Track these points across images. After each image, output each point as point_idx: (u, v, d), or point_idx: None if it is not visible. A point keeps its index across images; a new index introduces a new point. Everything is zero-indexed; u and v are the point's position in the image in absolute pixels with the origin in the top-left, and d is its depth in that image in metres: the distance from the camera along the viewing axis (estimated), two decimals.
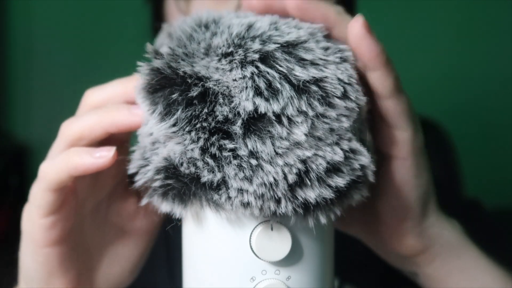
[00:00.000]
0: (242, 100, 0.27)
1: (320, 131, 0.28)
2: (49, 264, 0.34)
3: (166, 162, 0.29)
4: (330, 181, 0.28)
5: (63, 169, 0.31)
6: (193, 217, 0.30)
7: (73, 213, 0.34)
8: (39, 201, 0.32)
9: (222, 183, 0.28)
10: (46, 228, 0.33)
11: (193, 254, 0.31)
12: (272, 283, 0.29)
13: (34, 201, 0.33)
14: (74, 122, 0.33)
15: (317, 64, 0.28)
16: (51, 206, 0.32)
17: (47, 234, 0.33)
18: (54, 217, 0.33)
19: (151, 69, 0.29)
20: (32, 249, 0.34)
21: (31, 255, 0.35)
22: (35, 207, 0.33)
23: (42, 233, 0.33)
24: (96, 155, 0.31)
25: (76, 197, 0.35)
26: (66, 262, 0.35)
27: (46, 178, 0.32)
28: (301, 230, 0.30)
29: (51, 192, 0.32)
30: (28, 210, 0.34)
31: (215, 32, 0.30)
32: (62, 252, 0.34)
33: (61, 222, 0.33)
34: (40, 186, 0.32)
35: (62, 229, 0.34)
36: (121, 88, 0.33)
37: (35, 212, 0.33)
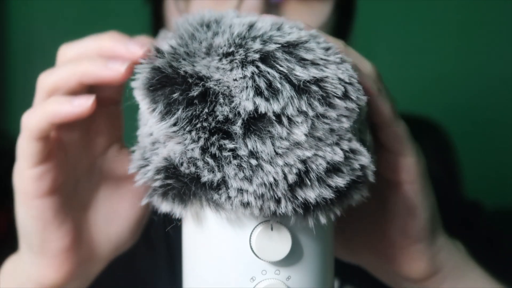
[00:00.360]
0: (243, 100, 0.27)
1: (320, 131, 0.28)
2: (42, 216, 0.34)
3: (166, 162, 0.29)
4: (330, 181, 0.28)
5: (43, 117, 0.32)
6: (193, 217, 0.30)
7: (63, 166, 0.35)
8: (25, 152, 0.33)
9: (222, 183, 0.28)
10: (34, 179, 0.33)
11: (193, 254, 0.31)
12: (272, 283, 0.29)
13: (21, 154, 0.34)
14: (50, 73, 0.33)
15: (318, 64, 0.28)
16: (37, 156, 0.33)
17: (36, 185, 0.34)
18: (42, 168, 0.33)
19: (152, 68, 0.29)
20: (25, 203, 0.35)
21: (24, 209, 0.35)
22: (23, 160, 0.34)
23: (32, 184, 0.34)
24: (75, 103, 0.31)
25: (68, 154, 0.35)
26: (60, 214, 0.35)
27: (28, 127, 0.32)
28: (301, 230, 0.30)
29: (35, 140, 0.32)
30: (17, 165, 0.35)
31: (217, 31, 0.30)
32: (54, 204, 0.34)
33: (50, 173, 0.34)
34: (23, 137, 0.33)
35: (51, 179, 0.34)
36: (96, 43, 0.34)
37: (23, 164, 0.34)
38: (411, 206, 0.36)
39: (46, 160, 0.33)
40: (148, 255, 0.54)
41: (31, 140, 0.33)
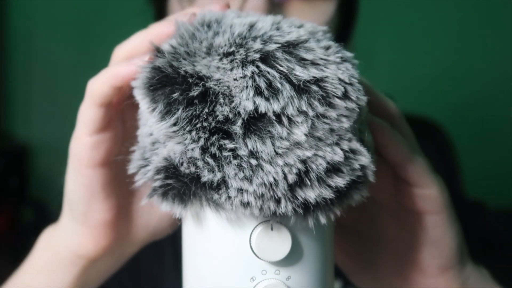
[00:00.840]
0: (243, 99, 0.27)
1: (320, 131, 0.28)
2: (91, 186, 0.35)
3: (166, 162, 0.29)
4: (330, 181, 0.28)
5: (105, 81, 0.32)
6: (193, 217, 0.30)
7: (119, 138, 0.35)
8: (86, 118, 0.34)
9: (222, 183, 0.28)
10: (91, 147, 0.34)
11: (193, 254, 0.31)
12: (272, 283, 0.29)
13: (81, 120, 0.34)
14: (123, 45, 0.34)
15: (318, 64, 0.28)
16: (97, 123, 0.33)
17: (92, 154, 0.34)
18: (99, 136, 0.34)
19: (152, 67, 0.29)
20: (77, 170, 0.35)
21: (75, 176, 0.35)
22: (82, 126, 0.34)
23: (87, 152, 0.34)
24: (133, 62, 0.32)
25: (123, 122, 0.35)
26: (108, 187, 0.36)
27: (91, 93, 0.33)
28: (301, 230, 0.30)
29: (96, 107, 0.33)
30: (76, 131, 0.35)
31: (217, 31, 0.30)
32: (105, 176, 0.35)
33: (106, 143, 0.34)
34: (86, 103, 0.33)
35: (106, 150, 0.34)
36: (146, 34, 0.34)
37: (82, 131, 0.34)
38: (438, 236, 0.36)
39: (105, 129, 0.34)
40: (155, 256, 0.54)
41: (94, 106, 0.33)
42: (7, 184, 1.71)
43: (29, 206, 1.76)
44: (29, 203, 1.77)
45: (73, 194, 0.36)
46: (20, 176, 1.78)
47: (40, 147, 1.83)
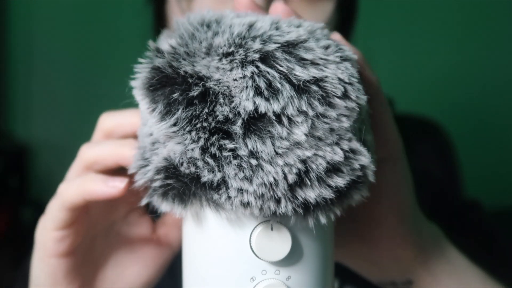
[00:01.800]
0: (242, 99, 0.27)
1: (320, 131, 0.28)
2: (55, 275, 0.37)
3: (166, 162, 0.29)
4: (330, 181, 0.28)
5: (78, 193, 0.34)
6: (193, 217, 0.30)
7: (84, 230, 0.37)
8: (54, 215, 0.35)
9: (222, 183, 0.28)
10: (56, 240, 0.36)
11: (193, 254, 0.31)
12: (272, 283, 0.29)
13: (49, 215, 0.36)
14: (91, 147, 0.36)
15: (318, 63, 0.28)
16: (64, 222, 0.35)
17: (56, 246, 0.36)
18: (65, 231, 0.35)
19: (152, 68, 0.29)
20: (42, 259, 0.37)
21: (40, 264, 0.37)
22: (49, 220, 0.36)
23: (52, 244, 0.36)
24: (109, 184, 0.33)
25: (89, 216, 0.37)
26: (71, 274, 0.37)
27: (63, 197, 0.35)
28: (301, 230, 0.30)
29: (65, 210, 0.35)
30: (43, 221, 0.37)
31: (217, 31, 0.30)
32: (68, 265, 0.37)
33: (71, 237, 0.36)
34: (56, 203, 0.35)
35: (71, 243, 0.36)
36: (132, 119, 0.36)
37: (49, 225, 0.36)
38: (397, 181, 0.36)
39: (71, 226, 0.36)
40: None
41: (62, 209, 0.35)
42: (7, 184, 1.71)
43: (29, 206, 1.76)
44: (29, 203, 1.77)
45: (37, 280, 0.37)
46: (20, 176, 1.78)
47: (40, 147, 1.83)
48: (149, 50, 0.31)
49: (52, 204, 0.36)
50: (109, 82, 1.57)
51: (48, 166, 1.81)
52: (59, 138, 1.83)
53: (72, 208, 0.35)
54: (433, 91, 1.72)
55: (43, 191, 1.80)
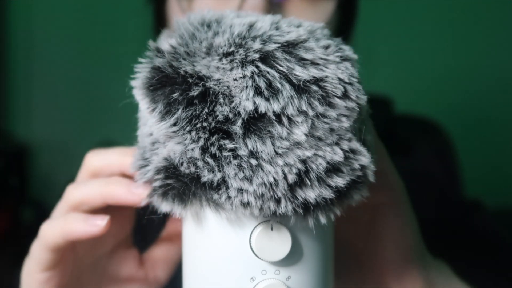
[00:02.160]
0: (242, 99, 0.27)
1: (320, 131, 0.28)
2: None
3: (166, 162, 0.29)
4: (330, 181, 0.28)
5: (59, 233, 0.33)
6: (193, 217, 0.30)
7: (70, 269, 0.36)
8: (37, 257, 0.35)
9: (222, 183, 0.28)
10: (41, 282, 0.35)
11: (193, 254, 0.31)
12: (272, 283, 0.29)
13: (33, 257, 0.35)
14: (77, 188, 0.35)
15: (317, 63, 0.28)
16: (48, 263, 0.35)
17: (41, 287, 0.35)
18: (50, 273, 0.35)
19: (152, 67, 0.29)
20: None
21: None
22: (33, 262, 0.35)
23: (37, 286, 0.35)
24: (90, 222, 0.33)
25: (75, 253, 0.36)
26: None
27: (45, 238, 0.34)
28: (301, 230, 0.30)
29: (48, 251, 0.34)
30: (27, 263, 0.36)
31: (217, 31, 0.30)
32: None
33: (57, 277, 0.35)
34: (39, 244, 0.35)
35: (57, 283, 0.36)
36: (120, 158, 0.35)
37: (33, 267, 0.35)
38: (401, 224, 0.36)
39: (56, 266, 0.35)
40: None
41: (45, 250, 0.34)
42: (7, 184, 1.71)
43: (29, 206, 1.76)
44: (29, 203, 1.77)
45: None
46: (20, 176, 1.78)
47: (40, 147, 1.83)
48: (149, 49, 0.31)
49: (35, 245, 0.35)
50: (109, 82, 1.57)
51: (48, 166, 1.81)
52: (59, 138, 1.83)
53: (55, 249, 0.34)
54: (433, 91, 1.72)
55: (43, 191, 1.80)
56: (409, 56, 1.73)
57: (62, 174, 1.87)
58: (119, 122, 0.35)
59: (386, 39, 1.64)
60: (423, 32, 1.74)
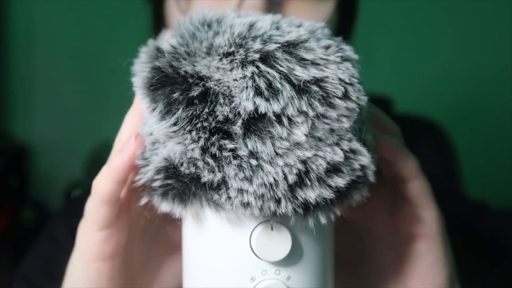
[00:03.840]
0: (243, 100, 0.27)
1: (320, 132, 0.27)
2: (98, 279, 0.35)
3: (166, 162, 0.29)
4: (330, 181, 0.28)
5: (107, 179, 0.32)
6: (193, 217, 0.30)
7: (126, 229, 0.35)
8: (94, 215, 0.33)
9: (222, 183, 0.28)
10: (100, 242, 0.34)
11: (193, 254, 0.31)
12: (272, 283, 0.29)
13: (89, 216, 0.34)
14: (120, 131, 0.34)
15: (318, 64, 0.28)
16: (105, 220, 0.33)
17: (101, 248, 0.34)
18: (108, 231, 0.34)
19: (152, 67, 0.29)
20: (84, 263, 0.35)
21: (82, 269, 0.35)
22: (90, 222, 0.34)
23: (97, 247, 0.34)
24: (124, 150, 0.32)
25: (130, 212, 0.35)
26: (114, 278, 0.35)
27: (97, 193, 0.33)
28: (301, 230, 0.30)
29: (104, 205, 0.33)
30: (83, 224, 0.35)
31: (218, 31, 0.30)
32: (112, 268, 0.35)
33: (115, 236, 0.34)
34: (93, 201, 0.33)
35: (116, 243, 0.34)
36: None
37: (90, 227, 0.34)
38: (431, 262, 0.36)
39: (113, 224, 0.34)
40: None
41: (101, 205, 0.33)
42: (7, 183, 1.71)
43: (29, 206, 1.76)
44: (29, 203, 1.77)
45: (76, 285, 0.36)
46: (20, 176, 1.78)
47: (40, 147, 1.83)
48: (147, 47, 0.31)
49: (90, 204, 0.34)
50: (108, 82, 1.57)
51: (48, 166, 1.81)
52: (59, 138, 1.83)
53: (110, 201, 0.33)
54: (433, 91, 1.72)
55: (43, 191, 1.80)
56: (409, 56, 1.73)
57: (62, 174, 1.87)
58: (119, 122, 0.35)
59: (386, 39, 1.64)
60: (423, 32, 1.74)
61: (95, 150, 1.65)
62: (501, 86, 1.75)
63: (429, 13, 1.73)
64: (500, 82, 1.75)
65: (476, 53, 1.74)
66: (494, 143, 1.76)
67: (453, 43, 1.74)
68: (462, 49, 1.74)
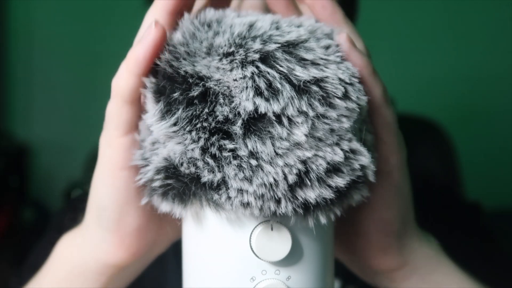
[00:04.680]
0: (243, 100, 0.27)
1: (320, 132, 0.28)
2: (127, 188, 0.33)
3: (166, 162, 0.29)
4: (330, 181, 0.28)
5: (128, 73, 0.31)
6: (193, 217, 0.30)
7: None
8: (118, 119, 0.32)
9: (222, 183, 0.28)
10: (126, 148, 0.32)
11: (193, 254, 0.31)
12: (272, 283, 0.29)
13: (111, 122, 0.32)
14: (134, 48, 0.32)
15: (318, 64, 0.28)
16: (129, 122, 0.32)
17: (127, 154, 0.32)
18: (133, 135, 0.32)
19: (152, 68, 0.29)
20: (110, 173, 0.33)
21: (108, 179, 0.33)
22: (114, 128, 0.32)
23: (122, 153, 0.32)
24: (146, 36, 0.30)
25: None
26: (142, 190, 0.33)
27: (119, 91, 0.31)
28: (301, 230, 0.30)
29: (128, 105, 0.31)
30: (105, 134, 0.33)
31: (217, 31, 0.30)
32: None
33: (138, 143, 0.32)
34: (115, 103, 0.32)
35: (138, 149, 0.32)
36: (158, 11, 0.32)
37: (114, 132, 0.32)
38: (384, 198, 0.35)
39: (137, 127, 0.32)
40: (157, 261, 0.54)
41: (125, 105, 0.31)
42: (7, 184, 1.71)
43: (29, 206, 1.76)
44: (29, 203, 1.77)
45: (105, 200, 0.34)
46: (20, 176, 1.78)
47: (40, 147, 1.83)
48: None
49: (111, 107, 0.32)
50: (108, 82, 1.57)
51: (48, 166, 1.81)
52: (59, 138, 1.83)
53: (133, 99, 0.31)
54: (433, 91, 1.72)
55: (43, 191, 1.79)
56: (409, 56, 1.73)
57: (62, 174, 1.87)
58: None
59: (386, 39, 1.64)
60: (423, 32, 1.74)
61: (95, 150, 1.64)
62: (501, 86, 1.75)
63: (429, 13, 1.73)
64: (500, 82, 1.75)
65: (476, 53, 1.74)
66: (494, 143, 1.76)
67: (453, 43, 1.74)
68: (462, 49, 1.74)
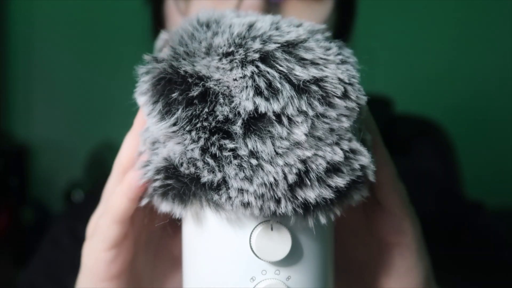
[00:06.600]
0: (242, 99, 0.27)
1: (320, 131, 0.27)
2: None
3: (166, 162, 0.29)
4: (330, 181, 0.28)
5: (122, 196, 0.32)
6: (193, 217, 0.30)
7: (133, 245, 0.35)
8: (105, 233, 0.33)
9: (222, 183, 0.28)
10: (108, 262, 0.34)
11: (193, 254, 0.31)
12: (272, 283, 0.29)
13: (99, 235, 0.34)
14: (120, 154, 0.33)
15: (317, 63, 0.28)
16: (115, 238, 0.33)
17: (109, 268, 0.34)
18: (116, 250, 0.34)
19: (152, 67, 0.29)
20: (92, 283, 0.35)
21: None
22: (99, 241, 0.33)
23: (105, 267, 0.34)
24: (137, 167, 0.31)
25: (133, 230, 0.35)
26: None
27: (112, 210, 0.32)
28: (301, 230, 0.30)
29: (117, 223, 0.33)
30: (90, 244, 0.34)
31: (217, 31, 0.30)
32: (119, 286, 0.35)
33: (123, 255, 0.34)
34: (106, 220, 0.33)
35: (123, 262, 0.34)
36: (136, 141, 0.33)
37: (99, 246, 0.34)
38: (406, 268, 0.35)
39: (122, 243, 0.34)
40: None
41: (113, 223, 0.33)
42: (7, 184, 1.71)
43: (29, 206, 1.76)
44: (29, 203, 1.77)
45: None
46: (20, 176, 1.78)
47: (40, 147, 1.83)
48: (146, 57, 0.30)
49: (102, 222, 0.33)
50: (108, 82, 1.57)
51: (48, 166, 1.81)
52: (59, 138, 1.83)
53: (123, 219, 0.33)
54: (433, 91, 1.72)
55: (43, 191, 1.80)
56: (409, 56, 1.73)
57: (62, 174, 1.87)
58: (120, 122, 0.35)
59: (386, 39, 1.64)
60: (423, 32, 1.74)
61: (95, 150, 1.65)
62: (501, 86, 1.75)
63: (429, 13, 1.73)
64: (500, 82, 1.75)
65: (476, 53, 1.74)
66: (494, 143, 1.76)
67: (453, 43, 1.74)
68: (462, 49, 1.74)
